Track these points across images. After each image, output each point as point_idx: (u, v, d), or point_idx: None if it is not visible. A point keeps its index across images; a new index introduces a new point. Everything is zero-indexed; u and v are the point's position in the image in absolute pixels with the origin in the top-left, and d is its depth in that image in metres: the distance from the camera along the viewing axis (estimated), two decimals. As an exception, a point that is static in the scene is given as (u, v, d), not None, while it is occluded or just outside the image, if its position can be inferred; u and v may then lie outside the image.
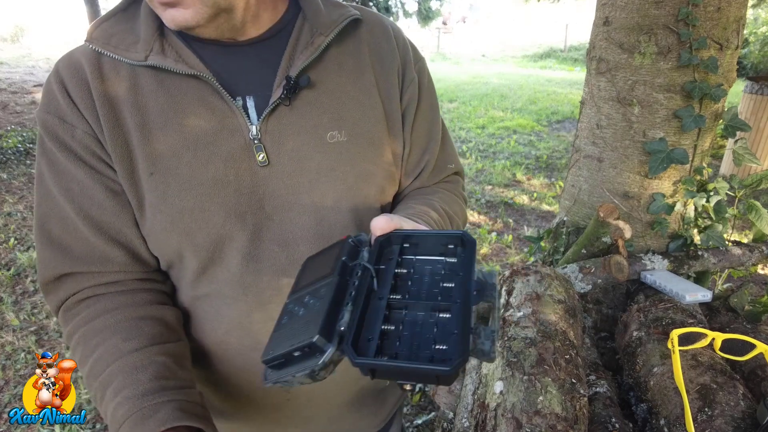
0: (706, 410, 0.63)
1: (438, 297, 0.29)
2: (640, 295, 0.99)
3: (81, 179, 0.41)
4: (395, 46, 0.49)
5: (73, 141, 0.40)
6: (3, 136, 3.68)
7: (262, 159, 0.42)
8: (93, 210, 0.41)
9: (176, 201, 0.41)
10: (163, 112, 0.41)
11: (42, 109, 0.41)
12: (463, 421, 0.70)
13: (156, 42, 0.41)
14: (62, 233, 0.42)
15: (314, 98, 0.44)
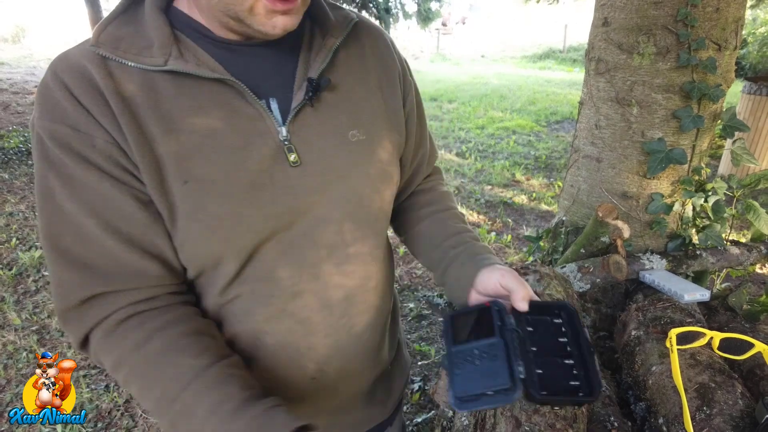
0: (704, 409, 0.63)
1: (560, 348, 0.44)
2: (638, 295, 0.99)
3: (105, 192, 0.38)
4: (393, 50, 0.52)
5: (92, 152, 0.37)
6: (5, 136, 3.68)
7: (294, 159, 0.42)
8: (122, 224, 0.38)
9: (214, 208, 0.40)
10: (188, 118, 0.39)
11: (43, 118, 0.37)
12: (463, 419, 0.70)
13: (173, 46, 0.39)
14: (84, 252, 0.38)
15: (332, 99, 0.45)
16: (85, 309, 0.39)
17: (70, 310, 0.39)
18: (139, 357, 0.39)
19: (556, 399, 0.42)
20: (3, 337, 1.65)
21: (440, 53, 11.38)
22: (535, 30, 13.38)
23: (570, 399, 0.42)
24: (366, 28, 0.50)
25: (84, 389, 1.43)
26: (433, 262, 0.55)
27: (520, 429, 0.62)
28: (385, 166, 0.48)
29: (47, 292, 1.94)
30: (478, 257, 0.50)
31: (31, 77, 6.34)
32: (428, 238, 0.56)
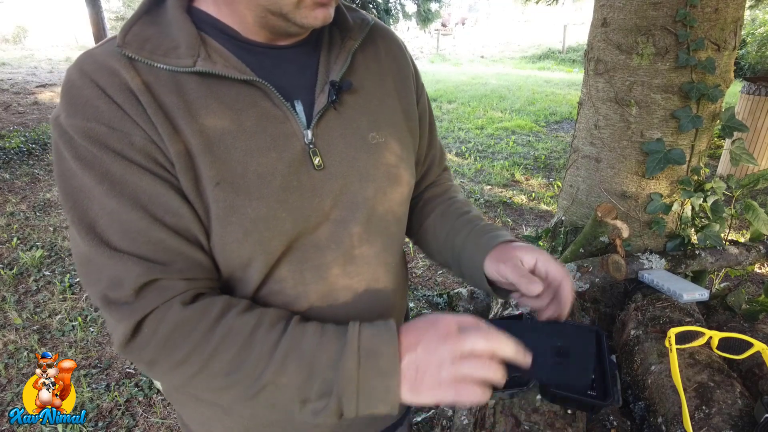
0: (703, 408, 0.63)
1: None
2: (637, 294, 0.99)
3: (147, 188, 0.37)
4: (406, 53, 0.53)
5: (131, 149, 0.36)
6: (6, 136, 3.68)
7: (318, 163, 0.43)
8: (168, 217, 0.38)
9: (248, 210, 0.39)
10: (218, 120, 0.39)
11: (74, 117, 0.36)
12: (462, 418, 0.71)
13: (201, 47, 0.39)
14: (134, 245, 0.37)
15: (353, 101, 0.45)
16: (143, 294, 0.37)
17: (124, 297, 0.37)
18: (226, 321, 0.38)
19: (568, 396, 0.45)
20: (4, 336, 1.65)
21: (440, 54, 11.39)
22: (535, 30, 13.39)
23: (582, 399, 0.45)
24: (380, 31, 0.51)
25: (85, 388, 1.43)
26: (446, 257, 0.55)
27: (520, 428, 0.62)
28: (400, 168, 0.49)
29: (48, 291, 1.94)
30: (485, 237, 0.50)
31: (32, 77, 6.34)
32: (434, 233, 0.56)
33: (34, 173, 3.17)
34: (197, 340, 0.37)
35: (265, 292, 0.44)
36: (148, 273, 0.37)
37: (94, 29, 6.10)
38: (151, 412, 1.37)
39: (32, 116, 4.45)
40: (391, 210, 0.49)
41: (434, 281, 2.13)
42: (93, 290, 0.38)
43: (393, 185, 0.48)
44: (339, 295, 0.47)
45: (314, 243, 0.44)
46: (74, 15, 10.56)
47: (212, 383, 0.39)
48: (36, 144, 3.62)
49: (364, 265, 0.48)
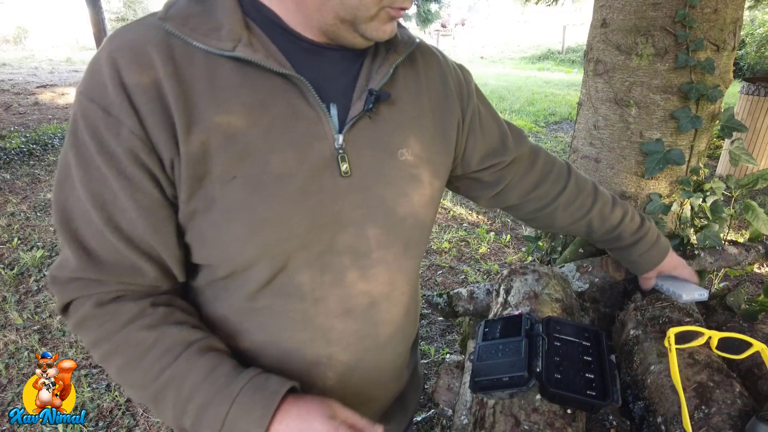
0: (703, 408, 0.63)
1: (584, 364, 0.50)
2: (637, 294, 0.99)
3: (114, 190, 0.37)
4: (448, 73, 0.51)
5: (115, 141, 0.35)
6: (6, 137, 3.69)
7: (345, 170, 0.41)
8: (124, 223, 0.38)
9: (260, 209, 0.38)
10: (247, 111, 0.37)
11: (84, 92, 0.36)
12: (462, 418, 0.71)
13: (244, 32, 0.37)
14: (88, 236, 0.38)
15: (388, 114, 0.44)
16: (73, 283, 0.40)
17: (59, 278, 0.40)
18: (127, 332, 0.39)
19: (568, 395, 0.46)
20: (4, 336, 1.65)
21: (440, 54, 11.34)
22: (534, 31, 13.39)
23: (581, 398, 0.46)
24: (423, 50, 0.50)
25: (85, 388, 1.43)
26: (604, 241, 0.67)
27: (519, 428, 0.62)
28: (425, 186, 0.48)
29: (49, 292, 1.94)
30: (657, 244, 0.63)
31: (32, 78, 6.35)
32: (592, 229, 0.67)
33: (35, 174, 3.17)
34: (99, 336, 0.40)
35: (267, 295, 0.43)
36: (87, 270, 0.39)
37: (95, 30, 6.11)
38: (151, 412, 1.37)
39: (33, 117, 4.45)
40: (412, 217, 0.48)
41: (434, 281, 2.14)
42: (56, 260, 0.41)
43: (416, 203, 0.47)
44: (356, 301, 0.46)
45: (333, 248, 0.43)
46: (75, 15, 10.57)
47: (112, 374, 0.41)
48: (37, 144, 3.62)
49: (383, 271, 0.47)
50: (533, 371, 0.46)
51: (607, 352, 0.50)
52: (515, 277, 0.88)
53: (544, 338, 0.50)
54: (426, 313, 1.87)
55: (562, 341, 0.51)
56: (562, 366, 0.48)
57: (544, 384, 0.46)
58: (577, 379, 0.47)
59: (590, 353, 0.51)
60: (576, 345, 0.51)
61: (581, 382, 0.47)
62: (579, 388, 0.46)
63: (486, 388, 0.47)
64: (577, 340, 0.51)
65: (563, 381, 0.47)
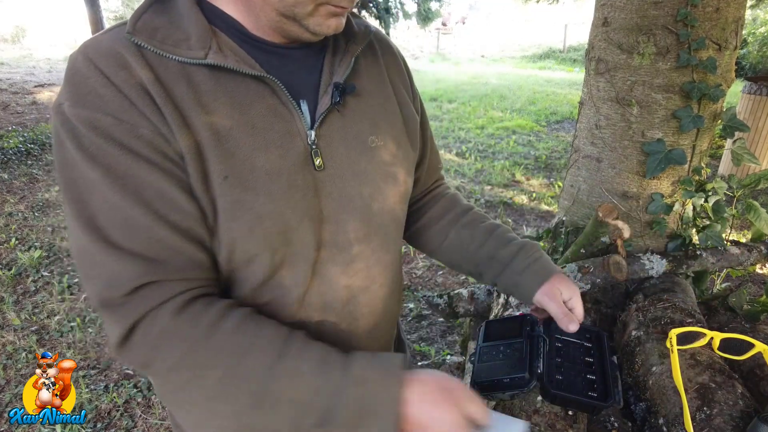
0: (704, 409, 0.63)
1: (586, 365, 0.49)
2: (639, 295, 0.99)
3: (153, 183, 0.36)
4: (401, 61, 0.54)
5: (137, 142, 0.35)
6: (4, 136, 3.68)
7: (319, 164, 0.43)
8: (171, 214, 0.37)
9: (255, 206, 0.39)
10: (228, 113, 0.38)
11: (78, 107, 0.35)
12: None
13: (212, 40, 0.38)
14: (135, 243, 0.36)
15: (355, 104, 0.46)
16: (138, 296, 0.36)
17: (119, 298, 0.36)
18: (218, 338, 0.37)
19: (569, 397, 0.45)
20: (2, 337, 1.65)
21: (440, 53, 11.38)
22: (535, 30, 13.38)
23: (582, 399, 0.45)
24: (379, 39, 0.52)
25: (83, 389, 1.42)
26: (478, 268, 0.56)
27: (521, 429, 0.62)
28: (398, 170, 0.49)
29: (46, 292, 1.94)
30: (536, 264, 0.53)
31: (30, 77, 6.33)
32: (461, 248, 0.57)
33: (33, 173, 3.16)
34: (187, 349, 0.36)
35: (265, 291, 0.43)
36: (146, 274, 0.36)
37: (93, 29, 6.09)
38: (150, 413, 1.37)
39: (31, 116, 4.44)
40: (388, 210, 0.49)
41: (434, 282, 2.13)
42: (90, 288, 0.37)
43: (390, 186, 0.49)
44: (337, 295, 0.47)
45: (318, 242, 0.44)
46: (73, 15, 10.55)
47: (205, 393, 0.37)
48: (34, 144, 3.61)
49: (362, 264, 0.48)
50: (534, 372, 0.45)
51: (608, 353, 0.50)
52: (516, 278, 0.88)
53: (545, 339, 0.49)
54: (426, 314, 1.87)
55: (563, 342, 0.50)
56: (564, 367, 0.48)
57: (545, 385, 0.45)
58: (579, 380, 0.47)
59: (592, 354, 0.50)
60: (578, 346, 0.50)
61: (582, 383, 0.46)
62: (580, 390, 0.46)
63: (487, 390, 0.47)
64: (579, 341, 0.50)
65: (564, 382, 0.46)
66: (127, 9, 10.16)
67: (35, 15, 11.47)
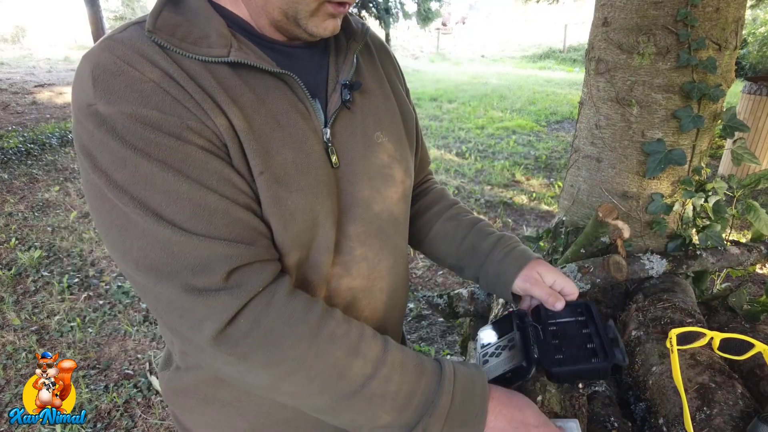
0: (704, 409, 0.63)
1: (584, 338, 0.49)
2: (638, 295, 0.99)
3: (217, 168, 0.35)
4: (394, 58, 0.55)
5: (189, 132, 0.34)
6: (4, 136, 3.68)
7: (335, 161, 0.43)
8: (242, 197, 0.36)
9: (288, 203, 0.39)
10: (255, 110, 0.38)
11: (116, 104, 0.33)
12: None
13: (233, 39, 0.38)
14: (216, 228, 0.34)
15: (360, 102, 0.46)
16: (238, 280, 0.34)
17: (215, 284, 0.34)
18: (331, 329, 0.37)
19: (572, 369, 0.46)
20: (2, 337, 1.65)
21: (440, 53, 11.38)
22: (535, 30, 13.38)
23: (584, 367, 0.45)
24: (371, 36, 0.52)
25: (83, 389, 1.43)
26: (460, 261, 0.57)
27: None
28: (400, 167, 0.50)
29: (46, 292, 1.94)
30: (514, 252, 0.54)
31: (30, 77, 6.33)
32: (445, 239, 0.58)
33: (33, 173, 3.16)
34: (302, 337, 0.35)
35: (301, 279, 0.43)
36: (240, 256, 0.34)
37: (93, 29, 6.10)
38: (150, 413, 1.37)
39: (30, 116, 4.44)
40: (391, 208, 0.49)
41: (434, 282, 2.13)
42: (172, 283, 0.34)
43: (398, 183, 0.49)
44: (341, 296, 0.47)
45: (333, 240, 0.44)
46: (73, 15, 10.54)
47: (307, 386, 0.36)
48: (34, 144, 3.61)
49: (363, 266, 0.47)
50: (531, 359, 0.46)
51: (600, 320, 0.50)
52: (516, 278, 0.88)
53: (536, 326, 0.49)
54: (426, 314, 1.87)
55: (557, 324, 0.50)
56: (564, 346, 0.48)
57: (546, 368, 0.46)
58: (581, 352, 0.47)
59: (587, 326, 0.50)
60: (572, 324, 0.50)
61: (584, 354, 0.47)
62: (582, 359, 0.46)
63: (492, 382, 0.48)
64: (572, 319, 0.51)
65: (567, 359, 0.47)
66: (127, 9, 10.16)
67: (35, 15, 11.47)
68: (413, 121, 0.54)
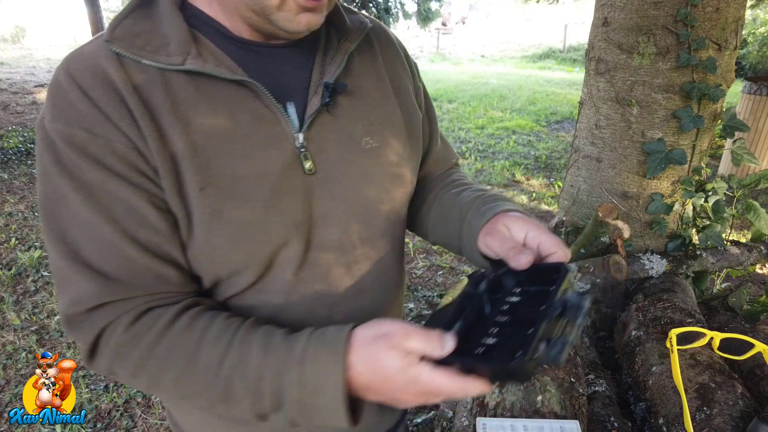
0: (704, 409, 0.63)
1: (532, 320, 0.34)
2: (639, 295, 0.99)
3: (125, 198, 0.36)
4: (402, 55, 0.52)
5: (111, 157, 0.35)
6: (4, 136, 3.68)
7: (309, 167, 0.41)
8: (142, 232, 0.37)
9: (234, 216, 0.38)
10: (205, 121, 0.38)
11: (57, 121, 0.35)
12: (463, 420, 0.70)
13: (191, 45, 0.37)
14: (103, 260, 0.36)
15: (348, 104, 0.44)
16: (96, 313, 0.37)
17: (80, 315, 0.37)
18: (169, 339, 0.37)
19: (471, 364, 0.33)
20: (2, 337, 1.65)
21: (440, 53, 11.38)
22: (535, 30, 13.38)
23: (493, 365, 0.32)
24: (378, 33, 0.50)
25: (83, 389, 1.42)
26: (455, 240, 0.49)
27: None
28: (397, 171, 0.48)
29: (46, 292, 1.94)
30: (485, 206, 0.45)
31: (30, 77, 6.33)
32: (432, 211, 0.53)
33: (33, 173, 3.16)
34: (141, 356, 0.37)
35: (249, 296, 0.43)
36: (107, 294, 0.37)
37: (93, 29, 6.10)
38: (150, 413, 1.37)
39: (30, 116, 4.44)
40: (390, 212, 0.48)
41: (434, 281, 2.13)
42: (60, 302, 0.38)
43: (389, 189, 0.47)
44: (339, 297, 0.46)
45: (312, 246, 0.43)
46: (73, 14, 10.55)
47: (169, 395, 0.39)
48: (34, 144, 3.61)
49: (364, 266, 0.47)
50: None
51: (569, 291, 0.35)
52: (516, 278, 0.88)
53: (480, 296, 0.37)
54: (426, 314, 1.87)
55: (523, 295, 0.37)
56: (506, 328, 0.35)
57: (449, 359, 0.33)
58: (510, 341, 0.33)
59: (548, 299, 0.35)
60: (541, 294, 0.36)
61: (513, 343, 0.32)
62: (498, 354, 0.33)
63: None
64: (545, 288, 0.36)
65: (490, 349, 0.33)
66: (127, 9, 10.14)
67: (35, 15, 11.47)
68: (419, 121, 0.51)
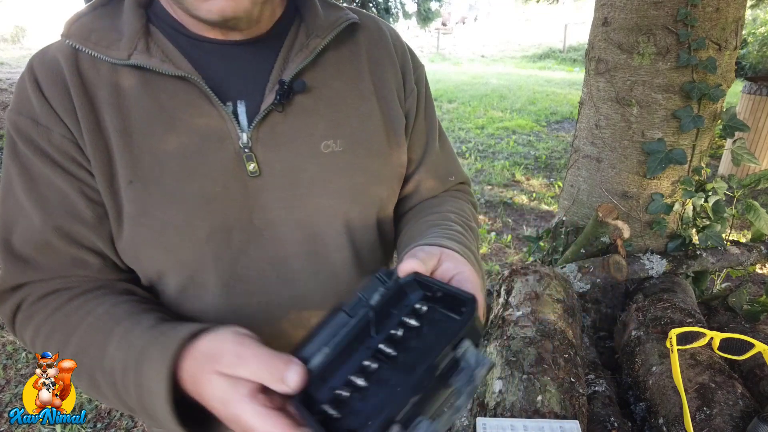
0: (704, 409, 0.63)
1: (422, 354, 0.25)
2: (638, 295, 0.99)
3: (59, 186, 0.38)
4: (394, 53, 0.48)
5: (49, 145, 0.37)
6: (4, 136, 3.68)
7: (253, 169, 0.39)
8: (67, 221, 0.38)
9: (159, 214, 0.38)
10: (146, 117, 0.38)
11: (13, 110, 0.38)
12: (463, 420, 0.70)
13: (140, 40, 0.37)
14: (26, 244, 0.38)
15: (309, 105, 0.41)
16: (15, 292, 0.40)
17: (5, 292, 0.40)
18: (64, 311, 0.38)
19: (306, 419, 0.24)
20: (2, 337, 1.65)
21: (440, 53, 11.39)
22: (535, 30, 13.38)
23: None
24: (370, 30, 0.47)
25: (84, 389, 1.43)
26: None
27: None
28: (368, 182, 0.43)
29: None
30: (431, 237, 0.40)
31: (30, 77, 6.32)
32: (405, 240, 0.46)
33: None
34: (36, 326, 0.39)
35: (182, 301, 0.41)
36: (24, 275, 0.39)
37: (94, 29, 6.08)
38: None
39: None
40: (345, 228, 0.43)
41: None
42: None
43: (350, 201, 0.43)
44: (279, 313, 0.43)
45: (244, 255, 0.41)
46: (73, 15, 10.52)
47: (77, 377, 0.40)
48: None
49: (308, 283, 0.43)
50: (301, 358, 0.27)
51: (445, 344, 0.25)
52: (516, 278, 0.88)
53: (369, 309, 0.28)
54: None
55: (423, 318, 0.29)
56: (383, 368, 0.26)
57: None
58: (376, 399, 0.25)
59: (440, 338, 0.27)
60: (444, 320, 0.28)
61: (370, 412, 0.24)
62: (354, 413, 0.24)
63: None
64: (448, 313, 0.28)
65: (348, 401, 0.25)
66: (127, 9, 10.15)
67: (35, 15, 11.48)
68: (402, 125, 0.46)
